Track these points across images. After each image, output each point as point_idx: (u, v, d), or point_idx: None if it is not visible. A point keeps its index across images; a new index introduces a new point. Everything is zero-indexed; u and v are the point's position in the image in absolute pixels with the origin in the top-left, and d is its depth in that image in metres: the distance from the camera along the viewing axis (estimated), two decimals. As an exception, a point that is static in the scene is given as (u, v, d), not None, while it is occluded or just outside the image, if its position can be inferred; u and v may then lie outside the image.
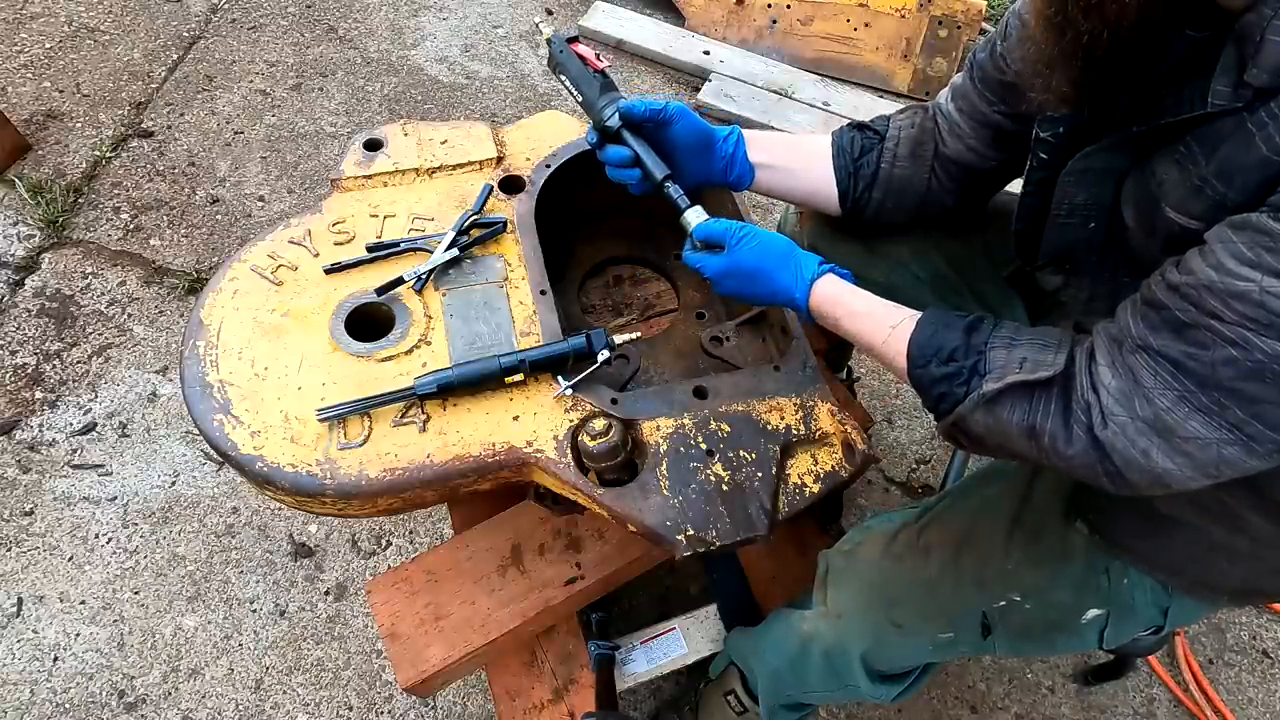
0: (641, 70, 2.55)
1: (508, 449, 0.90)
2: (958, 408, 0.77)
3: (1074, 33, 0.66)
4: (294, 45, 2.43)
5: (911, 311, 0.85)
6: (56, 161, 2.07)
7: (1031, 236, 0.90)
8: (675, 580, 1.59)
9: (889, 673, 1.07)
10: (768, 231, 0.94)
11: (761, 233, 0.93)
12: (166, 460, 1.66)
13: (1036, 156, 0.85)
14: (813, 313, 0.91)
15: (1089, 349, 0.72)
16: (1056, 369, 0.72)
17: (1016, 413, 0.73)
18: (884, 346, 0.84)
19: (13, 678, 1.42)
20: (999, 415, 0.74)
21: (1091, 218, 0.81)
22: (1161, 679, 1.60)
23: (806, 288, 0.90)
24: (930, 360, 0.79)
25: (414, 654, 1.07)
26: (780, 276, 0.91)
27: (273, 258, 1.02)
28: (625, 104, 0.96)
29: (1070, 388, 0.71)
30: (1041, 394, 0.72)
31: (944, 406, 0.79)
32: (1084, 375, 0.70)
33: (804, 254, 0.92)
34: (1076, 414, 0.70)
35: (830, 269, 0.91)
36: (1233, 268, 0.59)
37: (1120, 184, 0.76)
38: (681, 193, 0.96)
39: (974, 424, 0.77)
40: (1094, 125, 0.78)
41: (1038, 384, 0.72)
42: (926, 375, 0.79)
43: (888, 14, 2.48)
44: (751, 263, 0.91)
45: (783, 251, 0.92)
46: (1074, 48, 0.67)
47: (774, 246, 0.92)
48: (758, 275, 0.92)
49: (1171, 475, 0.66)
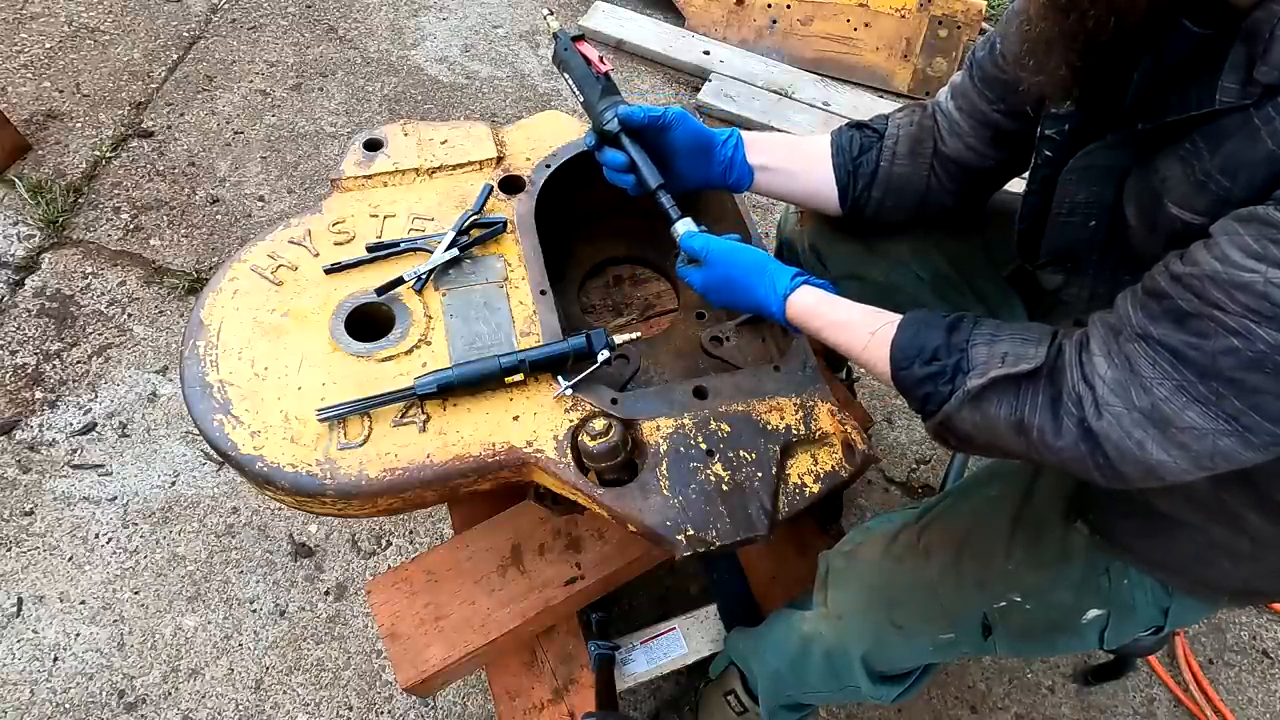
0: (641, 70, 2.55)
1: (508, 449, 0.90)
2: (944, 407, 0.77)
3: (1078, 15, 0.65)
4: (294, 45, 2.43)
5: (892, 316, 0.85)
6: (56, 161, 2.07)
7: (1034, 235, 0.89)
8: (675, 580, 1.59)
9: (890, 673, 1.07)
10: (743, 245, 0.95)
11: (736, 246, 0.94)
12: (166, 460, 1.66)
13: (1041, 154, 0.84)
14: (792, 324, 0.92)
15: (1080, 340, 0.72)
16: (1039, 361, 0.72)
17: (1003, 407, 0.73)
18: (865, 352, 0.85)
19: (13, 678, 1.42)
20: (986, 411, 0.74)
21: (1093, 216, 0.80)
22: (1161, 679, 1.60)
23: (780, 301, 0.91)
24: (913, 361, 0.79)
25: (414, 654, 1.07)
26: (755, 290, 0.92)
27: (273, 258, 1.02)
28: (625, 110, 0.97)
29: (1059, 380, 0.71)
30: (1028, 387, 0.72)
31: (930, 407, 0.79)
32: (1075, 367, 0.70)
33: (778, 266, 0.93)
34: (1067, 405, 0.69)
35: (806, 280, 0.91)
36: (1238, 259, 0.58)
37: (1122, 182, 0.76)
38: (673, 203, 0.98)
39: (961, 422, 0.77)
40: (1099, 123, 0.77)
41: (1022, 377, 0.72)
42: (910, 376, 0.79)
43: (888, 14, 2.48)
44: (726, 276, 0.93)
45: (754, 264, 0.93)
46: (1077, 30, 0.66)
47: (745, 260, 0.93)
48: (735, 288, 0.93)
49: (1165, 467, 0.66)
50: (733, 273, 0.93)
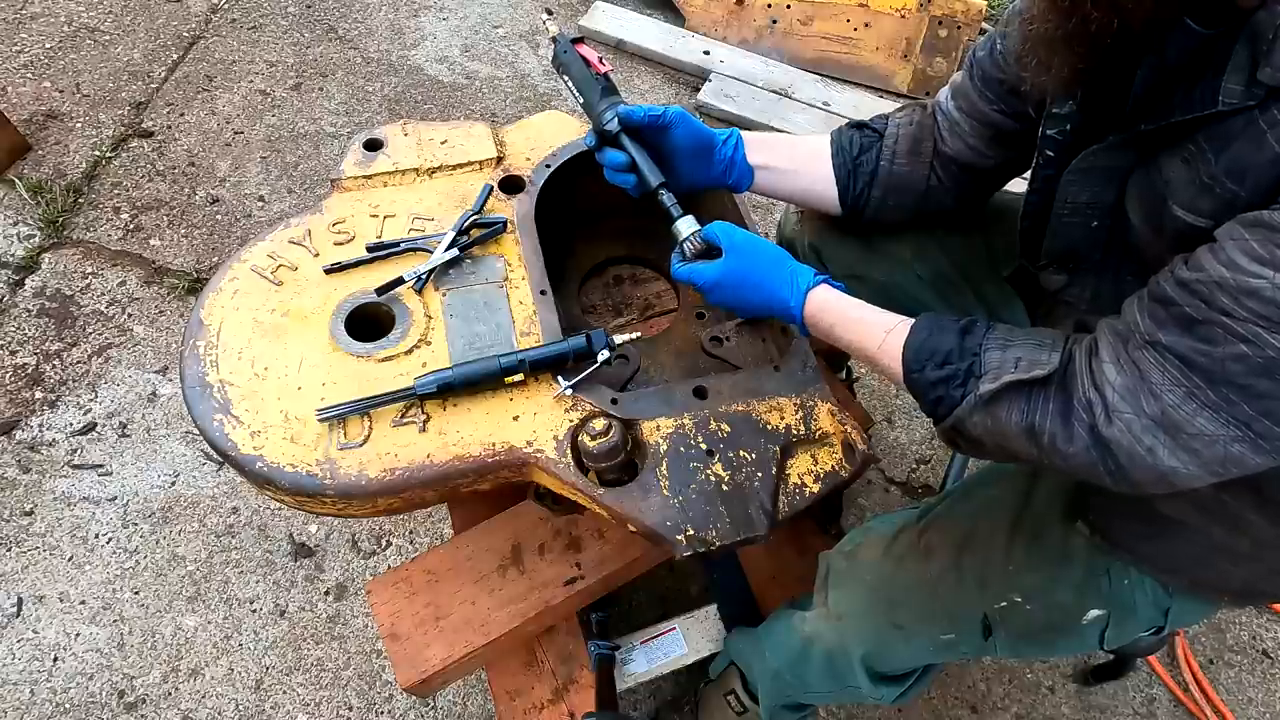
0: (641, 70, 2.55)
1: (508, 449, 0.90)
2: (955, 410, 0.77)
3: (1081, 17, 0.65)
4: (294, 45, 2.43)
5: (904, 317, 0.85)
6: (56, 161, 2.07)
7: (1035, 235, 0.89)
8: (675, 580, 1.59)
9: (890, 674, 1.07)
10: (764, 240, 0.94)
11: (759, 239, 0.94)
12: (166, 460, 1.66)
13: (1042, 154, 0.84)
14: (807, 321, 0.91)
15: (1089, 346, 0.72)
16: (1051, 367, 0.72)
17: (1014, 413, 0.73)
18: (879, 352, 0.84)
19: (13, 678, 1.42)
20: (997, 416, 0.74)
21: (1095, 216, 0.80)
22: (1161, 679, 1.60)
23: (802, 296, 0.90)
24: (925, 364, 0.79)
25: (414, 654, 1.07)
26: (775, 284, 0.91)
27: (273, 258, 1.02)
28: (624, 109, 0.97)
29: (1070, 386, 0.71)
30: (1039, 393, 0.72)
31: (941, 410, 0.79)
32: (1085, 374, 0.70)
33: (798, 263, 0.93)
34: (1078, 411, 0.69)
35: (825, 279, 0.91)
36: (1245, 265, 0.58)
37: (1124, 182, 0.76)
38: (675, 201, 0.97)
39: (972, 426, 0.77)
40: (1101, 123, 0.77)
41: (1034, 383, 0.72)
42: (922, 379, 0.79)
43: (888, 14, 2.47)
44: (746, 270, 0.92)
45: (776, 259, 0.92)
46: (1080, 32, 0.66)
47: (767, 253, 0.93)
48: (753, 283, 0.92)
49: (1177, 473, 0.66)
50: (754, 265, 0.92)
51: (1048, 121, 0.82)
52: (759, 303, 0.93)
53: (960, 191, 1.04)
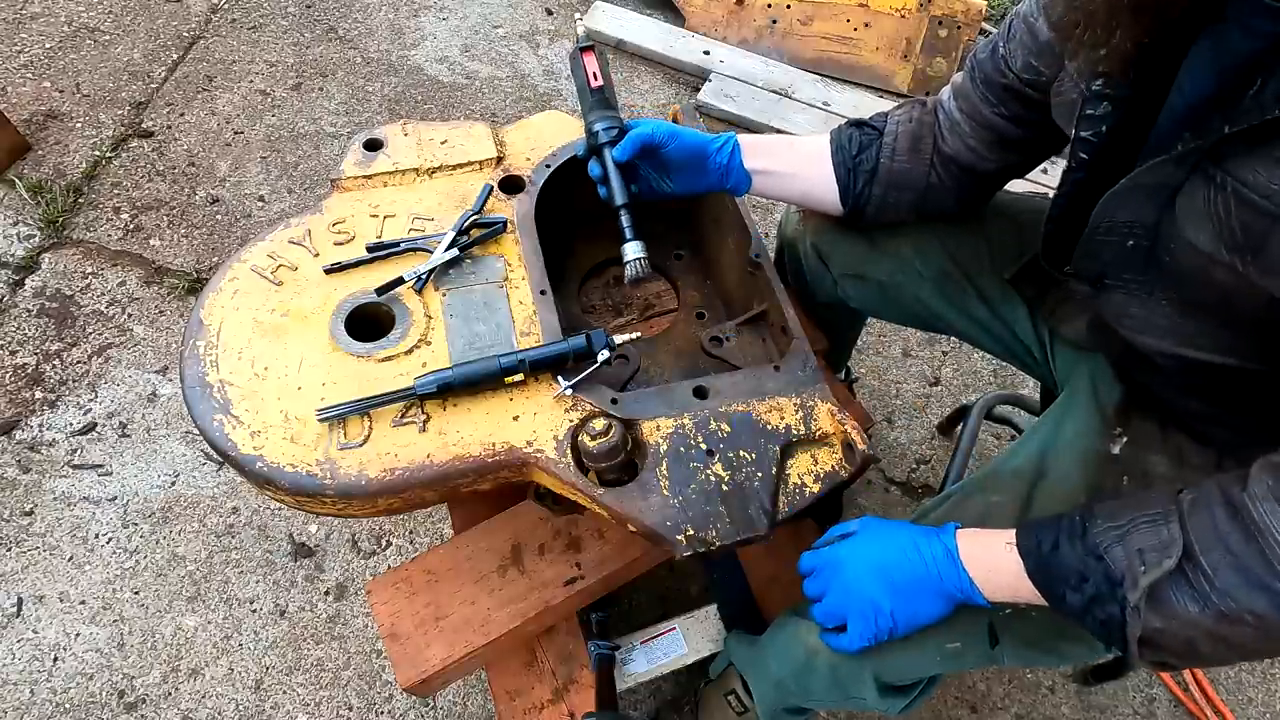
0: (641, 70, 2.55)
1: (508, 449, 0.90)
2: (1127, 630, 0.70)
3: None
4: (294, 45, 2.43)
5: (996, 534, 0.80)
6: (56, 161, 2.07)
7: (1061, 241, 0.85)
8: (675, 580, 1.59)
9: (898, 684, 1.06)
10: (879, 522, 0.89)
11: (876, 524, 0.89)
12: (166, 460, 1.66)
13: (1075, 157, 0.79)
14: (989, 598, 0.83)
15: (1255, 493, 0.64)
16: (1178, 552, 0.66)
17: (1185, 598, 0.66)
18: (1019, 581, 0.78)
19: (13, 678, 1.42)
20: (1174, 611, 0.67)
21: (1132, 235, 0.75)
22: (1162, 679, 1.60)
23: (965, 574, 0.83)
24: (1064, 592, 0.73)
25: (414, 654, 1.07)
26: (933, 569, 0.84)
27: (273, 258, 1.02)
28: (606, 135, 0.99)
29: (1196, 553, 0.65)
30: (1184, 571, 0.66)
31: (1115, 635, 0.71)
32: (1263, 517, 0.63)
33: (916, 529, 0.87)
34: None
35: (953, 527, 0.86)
36: None
37: (1172, 200, 0.69)
38: (631, 223, 1.00)
39: (1160, 636, 0.69)
40: (1141, 123, 0.72)
41: (1173, 571, 0.67)
42: (1072, 609, 0.73)
43: (888, 14, 2.48)
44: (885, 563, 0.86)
45: (911, 537, 0.86)
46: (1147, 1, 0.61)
47: (898, 536, 0.87)
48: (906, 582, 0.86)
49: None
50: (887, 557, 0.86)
51: (1081, 123, 0.77)
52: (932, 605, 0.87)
53: (960, 191, 1.03)
